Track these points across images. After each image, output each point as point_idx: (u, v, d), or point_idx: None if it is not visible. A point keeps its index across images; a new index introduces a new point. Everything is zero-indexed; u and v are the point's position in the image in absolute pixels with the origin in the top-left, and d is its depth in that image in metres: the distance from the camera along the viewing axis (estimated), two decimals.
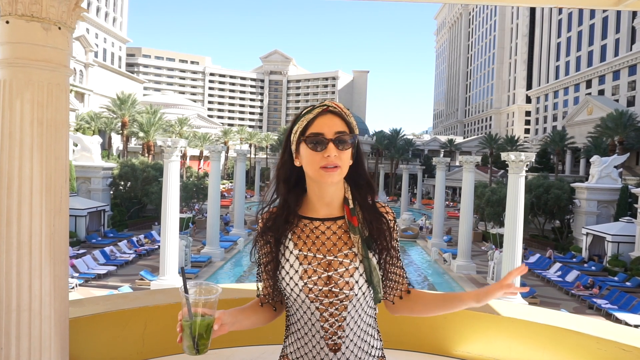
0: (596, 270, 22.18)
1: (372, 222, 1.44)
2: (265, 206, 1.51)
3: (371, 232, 1.44)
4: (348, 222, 1.42)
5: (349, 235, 1.43)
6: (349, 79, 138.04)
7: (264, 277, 1.50)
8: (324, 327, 1.41)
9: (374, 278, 1.40)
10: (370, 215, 1.45)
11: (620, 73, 53.51)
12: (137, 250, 22.87)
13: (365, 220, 1.44)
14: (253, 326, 1.55)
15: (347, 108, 1.44)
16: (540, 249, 27.75)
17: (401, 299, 1.55)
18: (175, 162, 16.66)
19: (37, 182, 1.82)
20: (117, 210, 29.86)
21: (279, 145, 61.21)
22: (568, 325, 2.39)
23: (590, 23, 59.88)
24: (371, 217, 1.45)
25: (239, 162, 28.01)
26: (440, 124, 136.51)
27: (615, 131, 38.89)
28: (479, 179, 39.68)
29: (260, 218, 1.51)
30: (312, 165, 1.37)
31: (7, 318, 1.82)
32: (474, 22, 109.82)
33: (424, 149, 73.61)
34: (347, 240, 1.42)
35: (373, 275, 1.40)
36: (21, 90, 1.79)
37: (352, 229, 1.41)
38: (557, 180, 31.10)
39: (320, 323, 1.41)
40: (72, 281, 16.45)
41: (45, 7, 1.78)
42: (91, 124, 44.46)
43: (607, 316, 16.07)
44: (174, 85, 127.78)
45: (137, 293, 2.65)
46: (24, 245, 1.81)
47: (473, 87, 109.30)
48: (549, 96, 71.03)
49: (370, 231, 1.44)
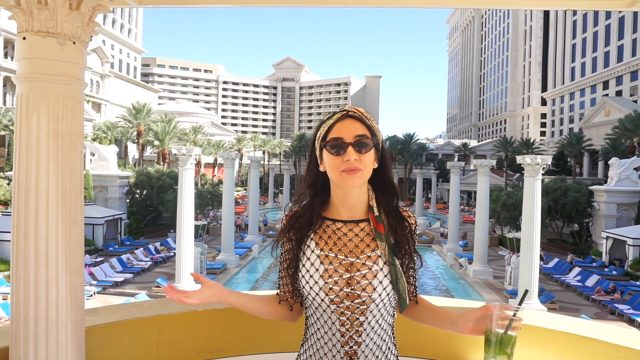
0: (617, 275, 21.69)
1: (397, 229, 1.45)
2: (292, 205, 1.54)
3: (396, 239, 1.44)
4: (374, 230, 1.42)
5: (372, 237, 1.43)
6: (362, 84, 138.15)
7: (284, 274, 1.52)
8: (341, 332, 1.40)
9: (400, 285, 1.39)
10: (395, 221, 1.46)
11: (639, 73, 52.57)
12: (153, 257, 23.10)
13: (391, 227, 1.45)
14: (257, 313, 1.57)
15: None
16: (559, 253, 27.26)
17: (417, 304, 1.56)
18: (190, 170, 16.83)
19: (53, 193, 1.85)
20: (133, 218, 30.24)
21: (292, 151, 61.37)
22: (586, 333, 2.33)
23: (606, 24, 59.03)
24: (396, 223, 1.46)
25: (252, 169, 28.18)
26: (454, 128, 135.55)
27: (634, 132, 38.14)
28: (494, 182, 39.24)
29: (284, 216, 1.54)
30: (334, 169, 1.39)
31: (25, 328, 1.84)
32: (487, 25, 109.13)
33: (438, 153, 73.14)
34: (369, 243, 1.43)
35: (399, 281, 1.39)
36: (37, 104, 1.83)
37: (378, 236, 1.41)
38: (575, 183, 30.57)
39: (338, 327, 1.40)
40: (90, 289, 16.68)
41: (60, 22, 1.83)
42: (108, 133, 45.27)
43: (629, 322, 15.69)
44: (188, 93, 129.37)
45: (152, 301, 2.67)
46: (40, 256, 1.84)
47: (487, 90, 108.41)
48: (564, 98, 70.07)
49: (395, 238, 1.44)
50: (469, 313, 1.45)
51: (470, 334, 1.43)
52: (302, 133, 72.37)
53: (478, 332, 1.42)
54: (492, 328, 1.34)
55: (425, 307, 1.58)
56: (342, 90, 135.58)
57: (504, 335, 1.32)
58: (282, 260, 1.53)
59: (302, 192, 1.53)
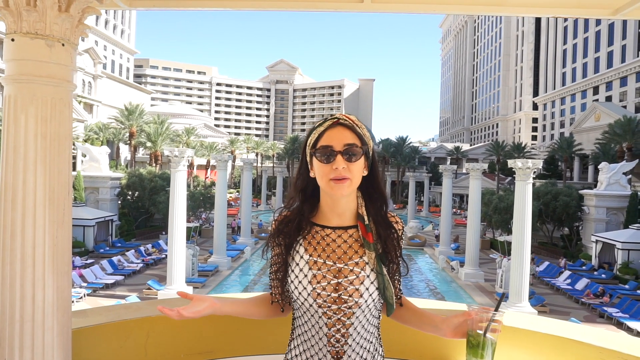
0: (606, 278, 21.90)
1: (386, 239, 1.47)
2: (282, 209, 1.56)
3: (384, 248, 1.46)
4: (363, 239, 1.44)
5: (359, 244, 1.45)
6: (355, 87, 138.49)
7: (273, 277, 1.55)
8: (328, 334, 1.43)
9: (388, 292, 1.42)
10: (383, 229, 1.48)
11: (628, 79, 53.23)
12: (144, 259, 22.95)
13: (379, 237, 1.46)
14: (251, 317, 1.62)
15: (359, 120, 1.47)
16: (549, 257, 27.47)
17: (401, 306, 1.59)
18: (182, 172, 16.76)
19: (41, 194, 1.85)
20: (124, 220, 30.03)
21: (285, 153, 61.36)
22: (571, 335, 2.37)
23: (596, 30, 59.77)
24: (384, 231, 1.48)
25: (245, 171, 28.12)
26: (447, 132, 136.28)
27: (623, 137, 38.59)
28: (486, 186, 39.47)
29: (274, 221, 1.56)
30: (323, 177, 1.40)
31: (11, 329, 1.84)
32: (479, 29, 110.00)
33: (431, 157, 73.45)
34: (357, 249, 1.45)
35: (387, 289, 1.42)
36: (26, 106, 1.82)
37: (367, 245, 1.43)
38: (565, 187, 30.84)
39: (325, 330, 1.43)
40: (81, 291, 16.53)
41: (49, 24, 1.83)
42: (99, 134, 44.95)
43: (618, 325, 15.84)
44: (181, 95, 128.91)
45: (140, 303, 2.67)
46: (27, 257, 1.83)
47: (479, 94, 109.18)
48: (555, 103, 70.75)
49: (384, 247, 1.46)
50: (452, 318, 1.48)
51: (452, 337, 1.46)
52: (296, 135, 72.36)
53: (460, 335, 1.45)
54: (473, 331, 1.37)
55: (409, 309, 1.61)
56: (335, 93, 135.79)
57: (484, 338, 1.35)
58: (272, 264, 1.55)
59: (292, 196, 1.54)
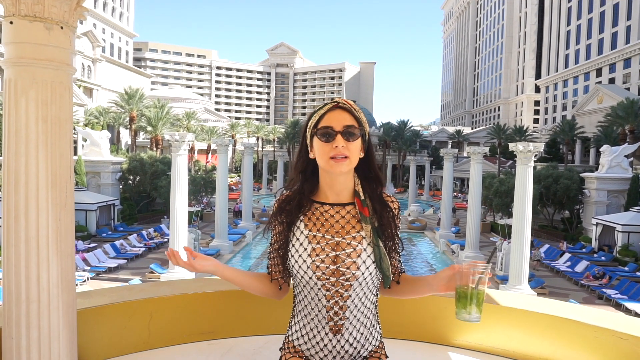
0: (606, 261, 22.04)
1: (382, 213, 1.56)
2: (284, 190, 1.64)
3: (380, 222, 1.55)
4: (360, 213, 1.53)
5: (357, 220, 1.54)
6: (356, 71, 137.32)
7: (274, 255, 1.63)
8: (327, 307, 1.51)
9: (384, 264, 1.51)
10: (379, 206, 1.57)
11: (632, 61, 52.67)
12: (146, 243, 23.11)
13: (375, 211, 1.55)
14: (248, 289, 1.69)
15: (355, 103, 1.56)
16: (550, 240, 27.60)
17: (398, 284, 1.65)
18: (183, 156, 16.76)
19: (43, 177, 1.87)
20: (126, 204, 30.15)
21: (286, 137, 61.23)
22: (567, 315, 2.41)
23: (601, 10, 58.89)
24: (380, 207, 1.57)
25: (246, 155, 28.10)
26: (448, 115, 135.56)
27: (626, 120, 38.37)
28: (487, 169, 39.44)
29: (276, 201, 1.65)
30: (323, 155, 1.49)
31: (17, 309, 1.88)
32: (482, 11, 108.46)
33: (432, 140, 73.23)
34: (355, 224, 1.54)
35: (383, 260, 1.50)
36: (26, 89, 1.83)
37: (363, 219, 1.52)
38: (567, 170, 30.81)
39: (325, 302, 1.51)
40: (84, 274, 16.70)
41: (47, 7, 1.82)
42: (100, 118, 44.81)
43: (617, 306, 15.99)
44: (181, 79, 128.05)
45: (143, 285, 2.72)
46: (31, 239, 1.86)
47: (481, 77, 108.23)
48: (558, 85, 70.16)
49: (379, 221, 1.55)
50: (440, 273, 1.53)
51: (445, 291, 1.51)
52: (296, 119, 72.06)
53: (452, 289, 1.50)
54: (463, 285, 1.41)
55: (407, 281, 1.67)
56: (336, 77, 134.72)
57: (473, 290, 1.39)
58: (273, 241, 1.63)
59: (293, 177, 1.63)
